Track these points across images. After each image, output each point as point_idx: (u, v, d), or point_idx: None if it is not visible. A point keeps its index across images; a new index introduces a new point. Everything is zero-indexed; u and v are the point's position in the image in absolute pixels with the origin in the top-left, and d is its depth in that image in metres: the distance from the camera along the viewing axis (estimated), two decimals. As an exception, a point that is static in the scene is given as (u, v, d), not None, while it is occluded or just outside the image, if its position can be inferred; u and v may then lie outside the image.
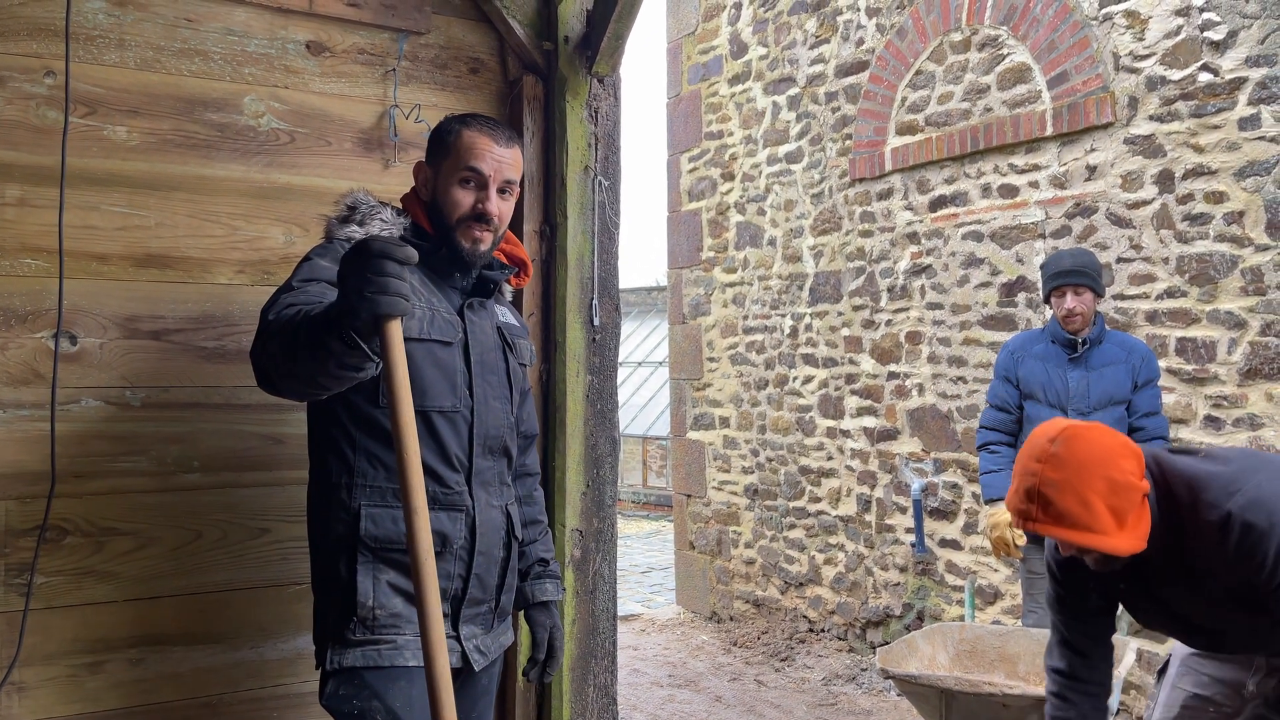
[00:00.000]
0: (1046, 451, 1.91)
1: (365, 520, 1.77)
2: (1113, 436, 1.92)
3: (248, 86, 2.31)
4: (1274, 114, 3.92)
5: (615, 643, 2.70)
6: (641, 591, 7.78)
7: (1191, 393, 4.19)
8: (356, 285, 1.41)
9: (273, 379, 1.63)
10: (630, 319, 15.25)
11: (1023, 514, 1.94)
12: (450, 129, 1.91)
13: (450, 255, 1.89)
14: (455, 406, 1.84)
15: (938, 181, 5.26)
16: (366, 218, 1.88)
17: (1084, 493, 1.85)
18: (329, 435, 1.82)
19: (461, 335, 1.87)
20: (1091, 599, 2.17)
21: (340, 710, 1.77)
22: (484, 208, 1.86)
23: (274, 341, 1.58)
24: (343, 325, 1.43)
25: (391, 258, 1.42)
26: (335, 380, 1.55)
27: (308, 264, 1.79)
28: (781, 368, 6.24)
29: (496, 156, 1.88)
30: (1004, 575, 4.92)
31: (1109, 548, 1.84)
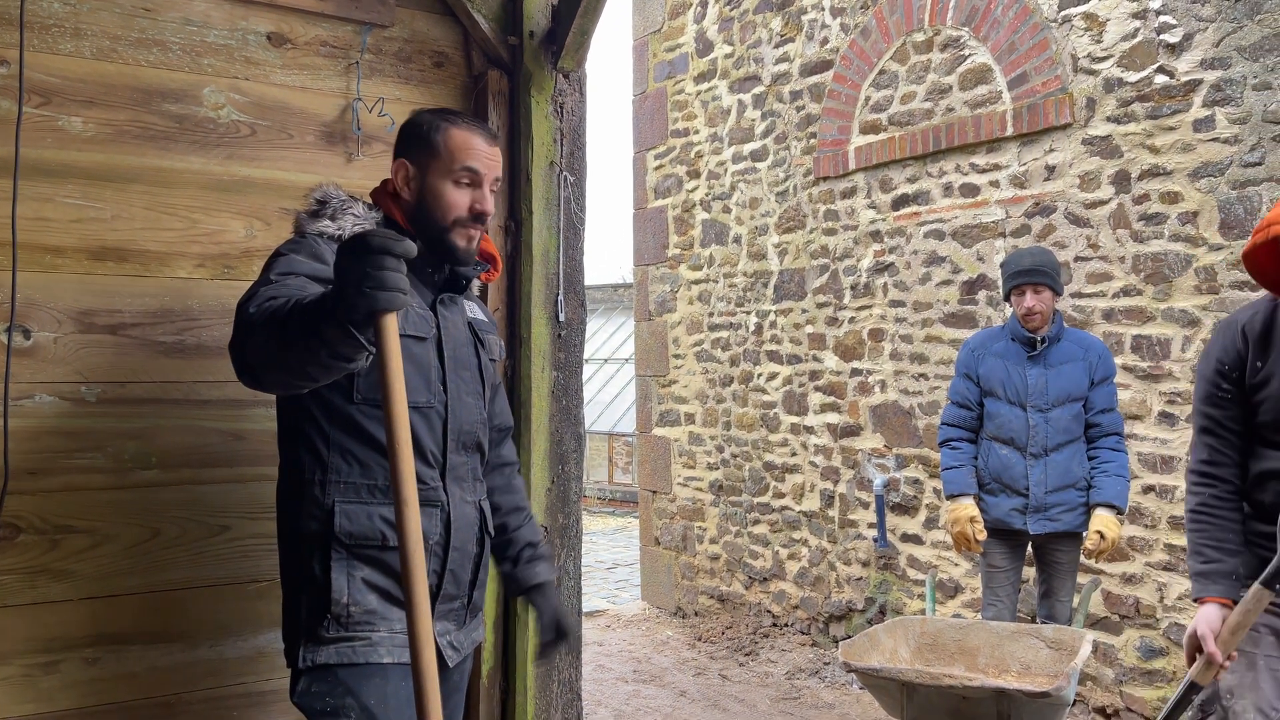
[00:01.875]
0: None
1: (340, 517, 1.75)
2: None
3: (207, 78, 2.28)
4: (1228, 116, 4.00)
5: (580, 638, 2.70)
6: (607, 588, 7.79)
7: (1146, 389, 4.27)
8: (356, 279, 1.40)
9: (255, 371, 1.60)
10: (596, 316, 15.24)
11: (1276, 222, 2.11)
12: (435, 125, 1.88)
13: (444, 255, 1.88)
14: (430, 402, 1.83)
15: (900, 180, 5.31)
16: (338, 212, 1.86)
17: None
18: (301, 431, 1.80)
19: (435, 331, 1.86)
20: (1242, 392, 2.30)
21: (313, 707, 1.75)
22: (482, 207, 1.86)
23: (259, 332, 1.56)
24: (341, 317, 1.42)
25: (391, 252, 1.41)
26: (325, 371, 1.53)
27: (283, 259, 1.76)
28: (746, 364, 6.27)
29: (487, 155, 1.88)
30: (964, 569, 4.98)
31: None
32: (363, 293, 1.40)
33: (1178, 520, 4.16)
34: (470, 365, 1.93)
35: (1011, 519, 3.79)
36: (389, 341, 1.44)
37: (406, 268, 1.42)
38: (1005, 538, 3.85)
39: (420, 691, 1.45)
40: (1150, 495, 4.25)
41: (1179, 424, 4.17)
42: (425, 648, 1.45)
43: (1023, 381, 3.80)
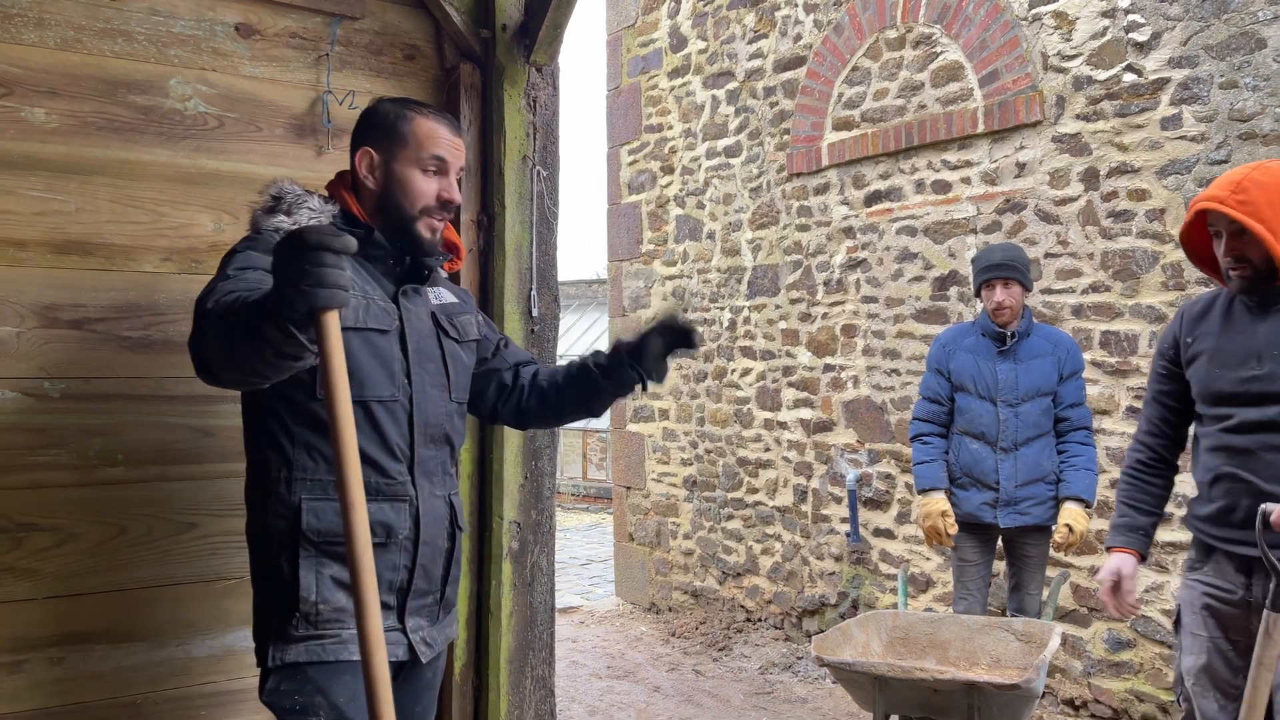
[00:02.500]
0: (1261, 164, 2.30)
1: (306, 514, 1.74)
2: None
3: (174, 69, 2.25)
4: (1195, 114, 4.05)
5: (553, 635, 2.70)
6: (581, 584, 7.78)
7: (1115, 384, 4.32)
8: (292, 277, 1.37)
9: (212, 368, 1.59)
10: (571, 311, 15.21)
11: (1215, 198, 2.27)
12: (401, 114, 1.87)
13: (408, 245, 1.86)
14: (394, 395, 1.81)
15: (873, 177, 5.34)
16: (293, 207, 1.84)
17: (1275, 198, 2.22)
18: (266, 429, 1.78)
19: (398, 323, 1.85)
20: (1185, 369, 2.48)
21: (281, 706, 1.74)
22: (449, 196, 1.85)
23: (213, 329, 1.54)
24: (279, 317, 1.40)
25: (329, 248, 1.38)
26: (274, 369, 1.52)
27: (239, 255, 1.75)
28: (720, 360, 6.28)
29: (454, 144, 1.88)
30: (936, 564, 5.02)
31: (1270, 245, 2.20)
32: (301, 291, 1.37)
33: (1145, 514, 4.21)
34: (435, 357, 1.92)
35: (982, 513, 3.82)
36: (331, 341, 1.42)
37: (359, 257, 1.40)
38: (976, 532, 3.88)
39: (372, 694, 1.44)
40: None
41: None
42: (376, 650, 1.44)
43: (993, 376, 3.83)
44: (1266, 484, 2.27)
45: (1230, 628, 2.37)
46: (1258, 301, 2.33)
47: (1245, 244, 2.26)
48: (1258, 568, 2.29)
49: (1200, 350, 2.43)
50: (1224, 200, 2.25)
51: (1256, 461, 2.29)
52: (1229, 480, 2.34)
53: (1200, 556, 2.46)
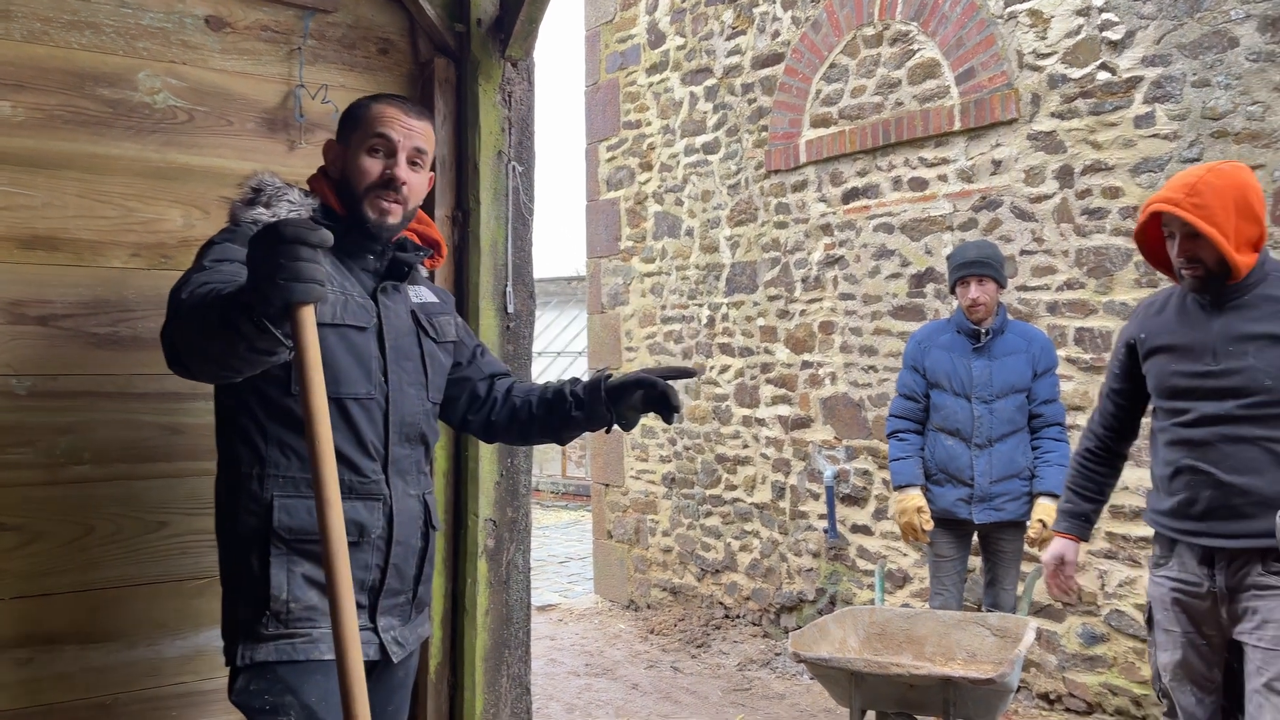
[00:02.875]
0: (1214, 166, 2.35)
1: (278, 511, 1.72)
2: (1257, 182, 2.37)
3: (142, 61, 2.22)
4: (1168, 112, 4.08)
5: (529, 633, 2.68)
6: (559, 581, 7.77)
7: (1089, 381, 4.35)
8: (268, 271, 1.36)
9: (185, 360, 1.57)
10: (550, 309, 15.17)
11: (1170, 200, 2.31)
12: (362, 104, 1.88)
13: (357, 227, 1.84)
14: (370, 393, 1.80)
15: (850, 174, 5.35)
16: (273, 200, 1.82)
17: (1228, 202, 2.28)
18: (239, 425, 1.76)
19: (376, 320, 1.83)
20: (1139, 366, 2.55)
21: (251, 706, 1.72)
22: (392, 173, 1.82)
23: (186, 321, 1.52)
24: (254, 311, 1.38)
25: (305, 242, 1.37)
26: (248, 363, 1.50)
27: (217, 246, 1.73)
28: (699, 357, 6.28)
29: (406, 125, 1.85)
30: (913, 559, 5.05)
31: (1225, 251, 2.26)
32: (276, 285, 1.35)
33: (1119, 509, 4.24)
34: (413, 355, 1.90)
35: (957, 509, 3.84)
36: (306, 335, 1.40)
37: (337, 253, 1.38)
38: (951, 527, 3.90)
39: (346, 693, 1.43)
40: (1092, 485, 4.33)
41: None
42: (351, 648, 1.43)
43: (968, 373, 3.85)
44: (1227, 475, 2.32)
45: (1202, 621, 2.40)
46: (1211, 299, 2.38)
47: (1198, 246, 2.31)
48: (1219, 558, 2.34)
49: (1156, 346, 2.48)
50: (1178, 203, 2.29)
51: (1216, 453, 2.34)
52: (1189, 473, 2.39)
53: (1164, 552, 2.49)
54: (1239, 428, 2.32)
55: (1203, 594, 2.38)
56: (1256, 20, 3.83)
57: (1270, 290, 2.34)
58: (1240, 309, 2.35)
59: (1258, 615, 2.28)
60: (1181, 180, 2.33)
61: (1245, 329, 2.33)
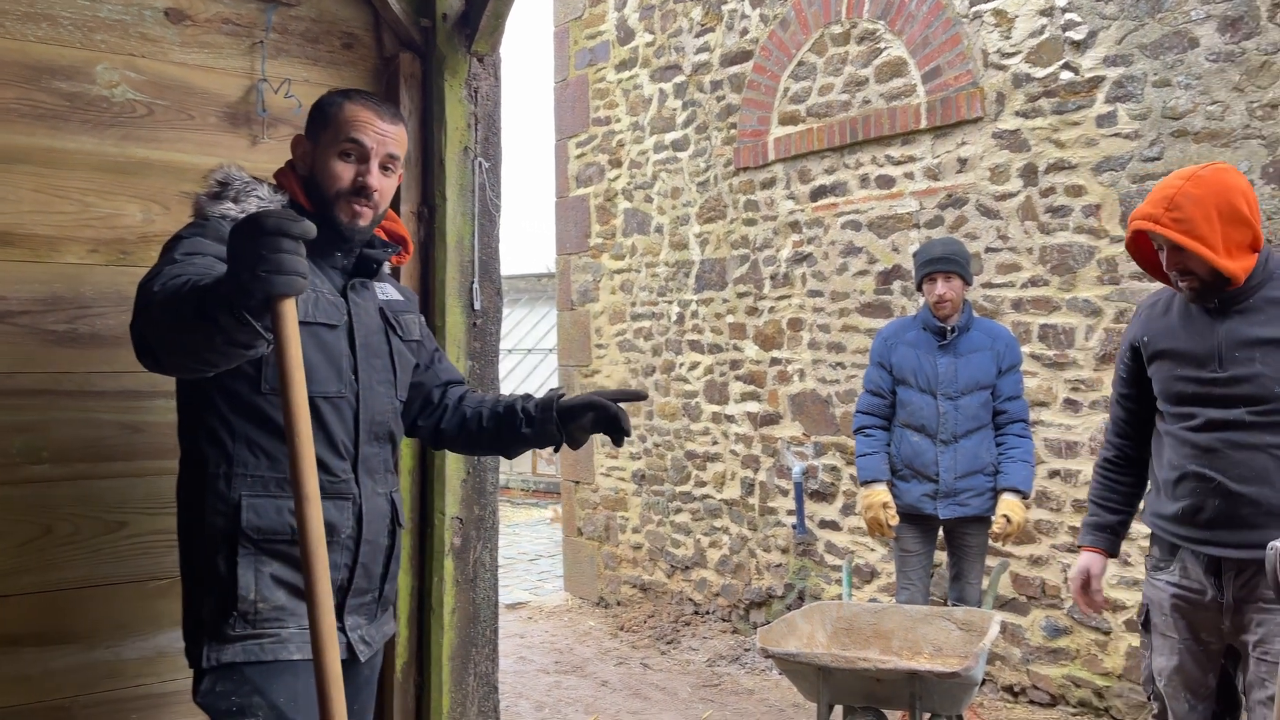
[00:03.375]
0: (1194, 173, 2.25)
1: (247, 511, 1.70)
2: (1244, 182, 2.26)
3: (100, 54, 2.18)
4: (1129, 112, 4.14)
5: (497, 631, 2.68)
6: (529, 579, 7.75)
7: (1052, 377, 4.40)
8: (250, 262, 1.34)
9: (155, 353, 1.54)
10: (520, 305, 15.12)
11: (1150, 216, 2.24)
12: (332, 101, 1.85)
13: (328, 231, 1.82)
14: (340, 392, 1.79)
15: (818, 171, 5.37)
16: (241, 194, 1.80)
17: (1210, 211, 2.19)
18: (205, 423, 1.74)
19: (346, 318, 1.82)
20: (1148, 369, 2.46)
21: (217, 707, 1.70)
22: (365, 181, 1.80)
23: (159, 313, 1.50)
24: (234, 303, 1.37)
25: (288, 234, 1.35)
26: (223, 356, 1.48)
27: (188, 240, 1.70)
28: (669, 354, 6.28)
29: (380, 130, 1.83)
30: (880, 554, 5.08)
31: (1215, 263, 2.18)
32: (258, 277, 1.34)
33: (1081, 504, 4.30)
34: (381, 353, 1.90)
35: (922, 504, 3.87)
36: (287, 328, 1.39)
37: (307, 250, 1.37)
38: (917, 523, 3.94)
39: (323, 691, 1.42)
40: (1055, 480, 4.39)
41: (1083, 410, 4.31)
42: (329, 647, 1.42)
43: (933, 370, 3.89)
44: (1235, 484, 2.23)
45: (1201, 628, 2.34)
46: (1216, 304, 2.30)
47: (1186, 258, 2.24)
48: (1226, 567, 2.27)
49: (1160, 350, 2.40)
50: (1159, 219, 2.22)
51: (1223, 460, 2.26)
52: (1194, 479, 2.30)
53: (1165, 555, 2.42)
54: (1248, 434, 2.24)
55: (1206, 602, 2.31)
56: (1216, 21, 3.89)
57: (1274, 292, 2.26)
58: (1245, 313, 2.27)
59: (1263, 628, 2.22)
60: (1160, 194, 2.25)
61: (1251, 334, 2.25)
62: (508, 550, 8.76)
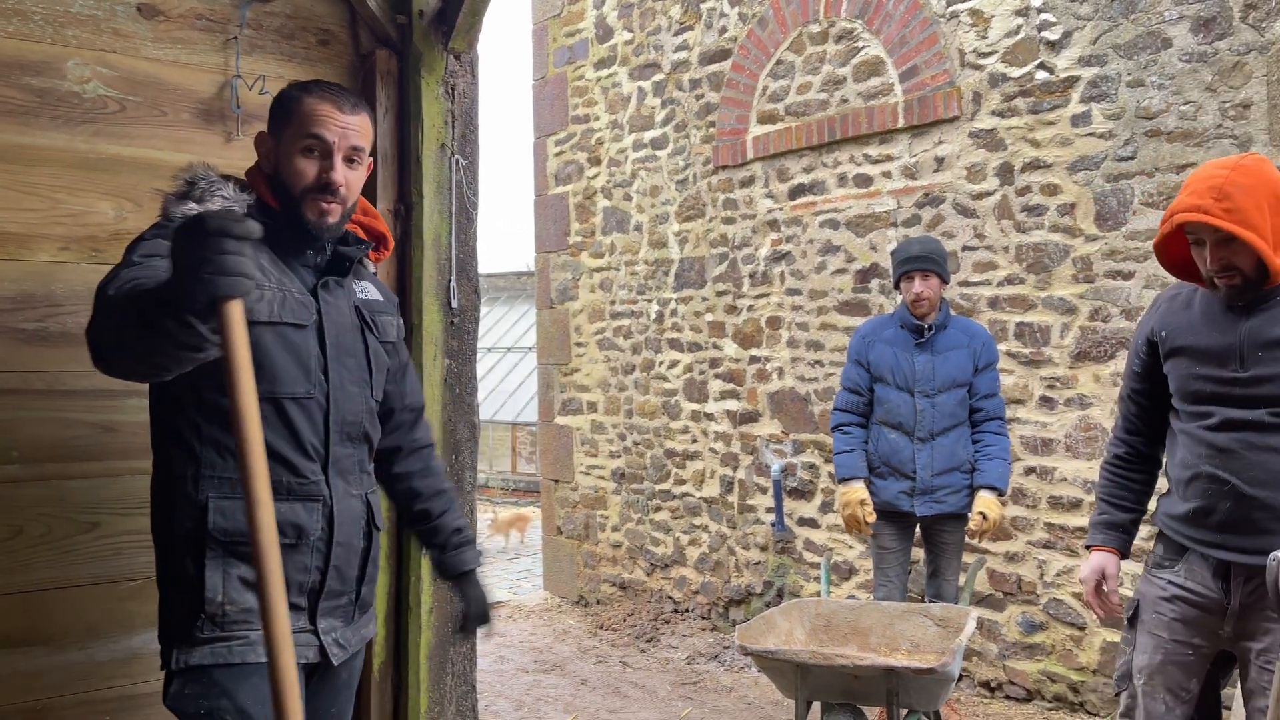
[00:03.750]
0: (1239, 161, 2.13)
1: (214, 513, 1.69)
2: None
3: (71, 50, 2.16)
4: (1103, 111, 4.17)
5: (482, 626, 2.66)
6: (509, 578, 7.74)
7: (1028, 375, 4.43)
8: (191, 265, 1.32)
9: (109, 358, 1.52)
10: (500, 304, 15.08)
11: (1197, 208, 2.10)
12: (291, 95, 1.82)
13: (297, 230, 1.80)
14: (309, 392, 1.77)
15: (797, 170, 5.39)
16: (206, 194, 1.77)
17: (1261, 201, 2.07)
18: (173, 425, 1.72)
19: (315, 317, 1.79)
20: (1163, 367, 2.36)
21: (186, 710, 1.69)
22: (329, 177, 1.77)
23: (112, 317, 1.48)
24: (178, 306, 1.35)
25: (230, 234, 1.32)
26: (175, 361, 1.46)
27: (147, 242, 1.68)
28: (648, 352, 6.28)
29: (341, 123, 1.79)
30: (858, 552, 5.11)
31: (1266, 255, 2.06)
32: (199, 279, 1.32)
33: (1057, 500, 4.34)
34: (356, 352, 1.87)
35: (900, 501, 3.89)
36: (234, 331, 1.37)
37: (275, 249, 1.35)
38: (894, 520, 3.95)
39: (278, 696, 1.41)
40: (1031, 477, 4.42)
41: (1059, 408, 4.34)
42: (283, 652, 1.40)
43: (911, 368, 3.91)
44: (1249, 487, 2.16)
45: (1197, 631, 2.29)
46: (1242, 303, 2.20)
47: (1234, 251, 2.10)
48: (1235, 572, 2.20)
49: (1179, 346, 2.31)
50: (1208, 210, 2.08)
51: (1239, 462, 2.18)
52: (1207, 480, 2.22)
53: (1171, 555, 2.35)
54: (1267, 436, 2.15)
55: (1210, 605, 2.24)
56: (1189, 21, 3.93)
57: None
58: (1268, 311, 2.17)
59: (1270, 636, 2.16)
60: (1205, 184, 2.10)
61: (1275, 333, 2.15)
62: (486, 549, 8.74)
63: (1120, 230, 4.13)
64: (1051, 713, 4.35)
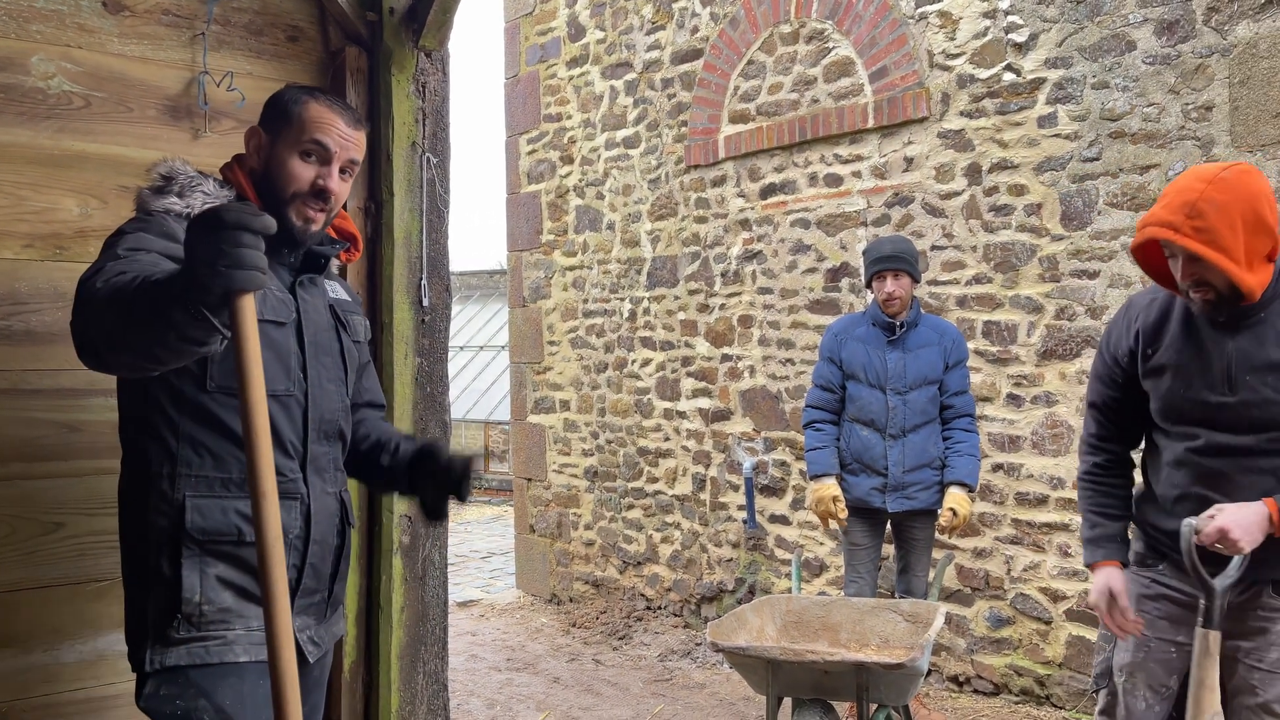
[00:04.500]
0: (1215, 174, 2.02)
1: (191, 512, 1.68)
2: (1268, 186, 2.05)
3: (35, 45, 2.13)
4: (1069, 113, 4.23)
5: (446, 629, 2.66)
6: (481, 577, 7.72)
7: (996, 372, 4.49)
8: (209, 256, 1.32)
9: (99, 351, 1.50)
10: (472, 302, 15.02)
11: (1168, 224, 2.02)
12: (295, 98, 1.81)
13: (279, 230, 1.79)
14: (289, 390, 1.77)
15: (768, 170, 5.42)
16: (185, 189, 1.76)
17: (1235, 219, 1.98)
18: (148, 422, 1.71)
19: (294, 315, 1.79)
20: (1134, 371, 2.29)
21: (162, 711, 1.67)
22: (325, 184, 1.77)
23: (104, 309, 1.46)
24: (191, 298, 1.34)
25: (248, 228, 1.33)
26: (174, 354, 1.45)
27: (131, 236, 1.66)
28: (621, 351, 6.29)
29: (343, 134, 1.79)
30: (829, 548, 5.14)
31: (1236, 277, 1.98)
32: (217, 272, 1.32)
33: (1024, 496, 4.39)
34: (332, 350, 1.87)
35: (871, 498, 3.93)
36: (246, 325, 1.37)
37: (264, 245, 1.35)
38: (866, 516, 3.99)
39: (279, 692, 1.40)
40: (999, 473, 4.48)
41: (1025, 405, 4.39)
42: (284, 647, 1.40)
43: (882, 365, 3.94)
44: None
45: (1181, 629, 2.28)
46: (1225, 319, 2.13)
47: (1204, 269, 2.03)
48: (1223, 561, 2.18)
49: (1162, 364, 2.23)
50: (1178, 228, 2.01)
51: (1229, 484, 2.14)
52: (1196, 501, 2.18)
53: (1154, 555, 2.35)
54: (1257, 460, 2.11)
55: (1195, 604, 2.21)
56: (1153, 24, 3.99)
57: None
58: (1256, 330, 2.10)
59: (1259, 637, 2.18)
60: (1180, 198, 2.03)
61: (1265, 356, 2.09)
62: (459, 548, 8.71)
63: (1085, 230, 4.19)
64: (1019, 706, 4.41)
